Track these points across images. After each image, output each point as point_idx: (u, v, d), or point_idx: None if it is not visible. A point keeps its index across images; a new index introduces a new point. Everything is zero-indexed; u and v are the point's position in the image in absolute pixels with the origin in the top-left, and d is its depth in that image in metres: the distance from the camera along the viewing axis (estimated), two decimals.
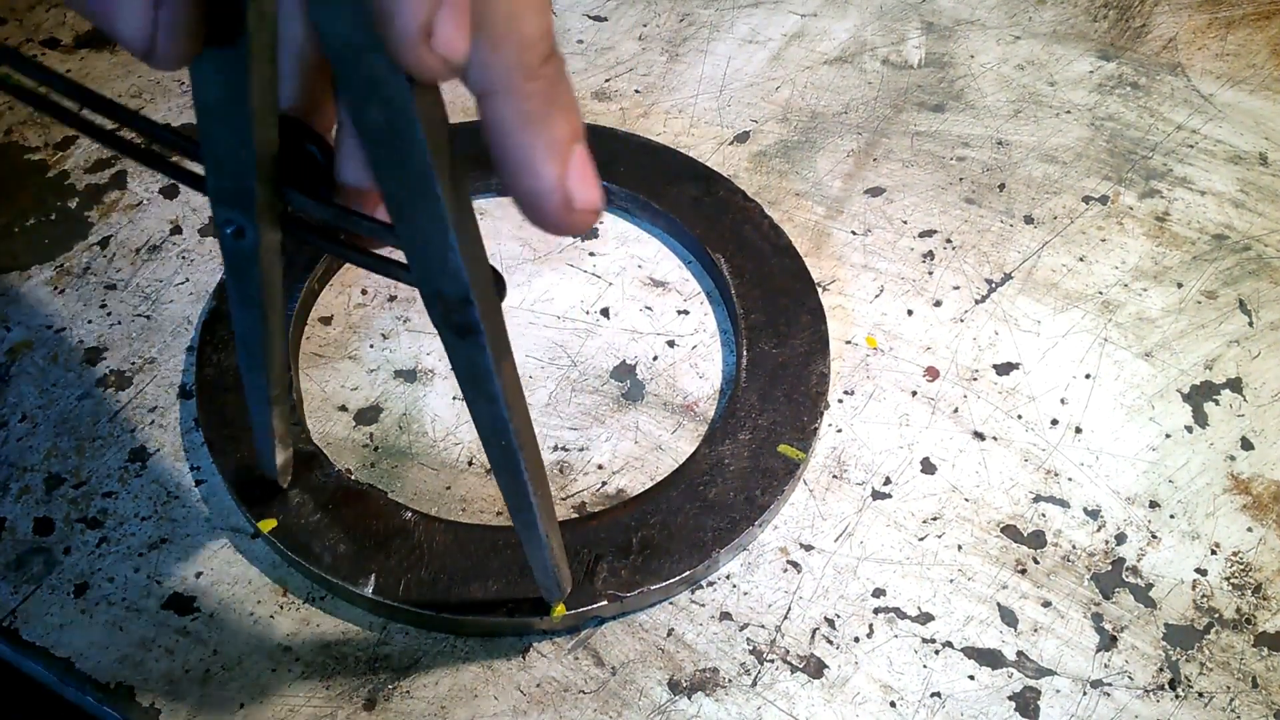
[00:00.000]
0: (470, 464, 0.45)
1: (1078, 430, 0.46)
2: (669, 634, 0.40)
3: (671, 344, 0.49)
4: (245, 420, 0.44)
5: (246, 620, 0.40)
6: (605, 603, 0.39)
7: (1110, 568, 0.42)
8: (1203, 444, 0.46)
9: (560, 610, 0.39)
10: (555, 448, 0.45)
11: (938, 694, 0.39)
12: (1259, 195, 0.55)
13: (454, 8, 0.21)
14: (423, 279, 0.28)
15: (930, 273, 0.51)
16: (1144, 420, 0.47)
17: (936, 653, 0.40)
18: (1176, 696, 0.39)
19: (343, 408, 0.47)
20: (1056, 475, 0.45)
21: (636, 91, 0.59)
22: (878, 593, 0.41)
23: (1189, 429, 0.46)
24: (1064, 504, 0.44)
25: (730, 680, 0.39)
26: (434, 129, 0.23)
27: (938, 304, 0.50)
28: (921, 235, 0.53)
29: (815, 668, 0.40)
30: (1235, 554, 0.43)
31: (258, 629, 0.40)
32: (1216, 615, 0.41)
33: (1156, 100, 0.59)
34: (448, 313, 0.27)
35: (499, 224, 0.53)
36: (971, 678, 0.39)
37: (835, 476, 0.45)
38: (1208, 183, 0.55)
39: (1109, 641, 0.40)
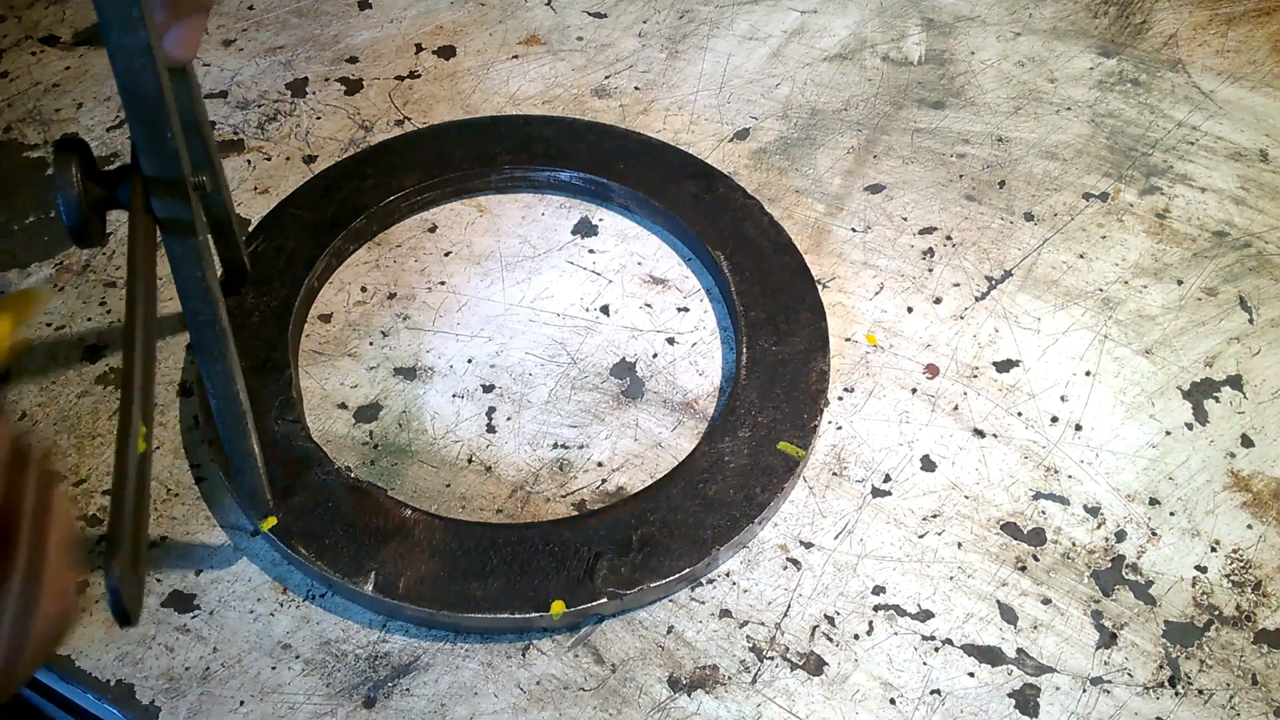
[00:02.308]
0: (470, 461, 0.45)
1: (1078, 427, 0.46)
2: (669, 631, 0.40)
3: (671, 341, 0.49)
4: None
5: (246, 618, 0.40)
6: (605, 600, 0.39)
7: (1110, 565, 0.42)
8: (1203, 441, 0.46)
9: (559, 607, 0.39)
10: (555, 445, 0.45)
11: (937, 691, 0.39)
12: (1259, 192, 0.55)
13: (174, 39, 0.35)
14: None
15: (930, 270, 0.51)
16: (1144, 417, 0.47)
17: (936, 650, 0.40)
18: (1176, 694, 0.39)
19: (342, 405, 0.47)
20: (1056, 472, 0.45)
21: (636, 89, 0.59)
22: (877, 590, 0.41)
23: (1189, 426, 0.46)
24: (1064, 501, 0.44)
25: (730, 678, 0.39)
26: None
27: (938, 301, 0.50)
28: (921, 232, 0.53)
29: (815, 665, 0.40)
30: (1235, 551, 0.43)
31: (258, 627, 0.40)
32: (1216, 612, 0.41)
33: (1157, 97, 0.59)
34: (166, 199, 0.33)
35: (499, 221, 0.53)
36: (971, 675, 0.39)
37: (835, 474, 0.45)
38: (1208, 179, 0.55)
39: (1109, 639, 0.40)
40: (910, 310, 0.50)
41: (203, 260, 0.33)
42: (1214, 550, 0.43)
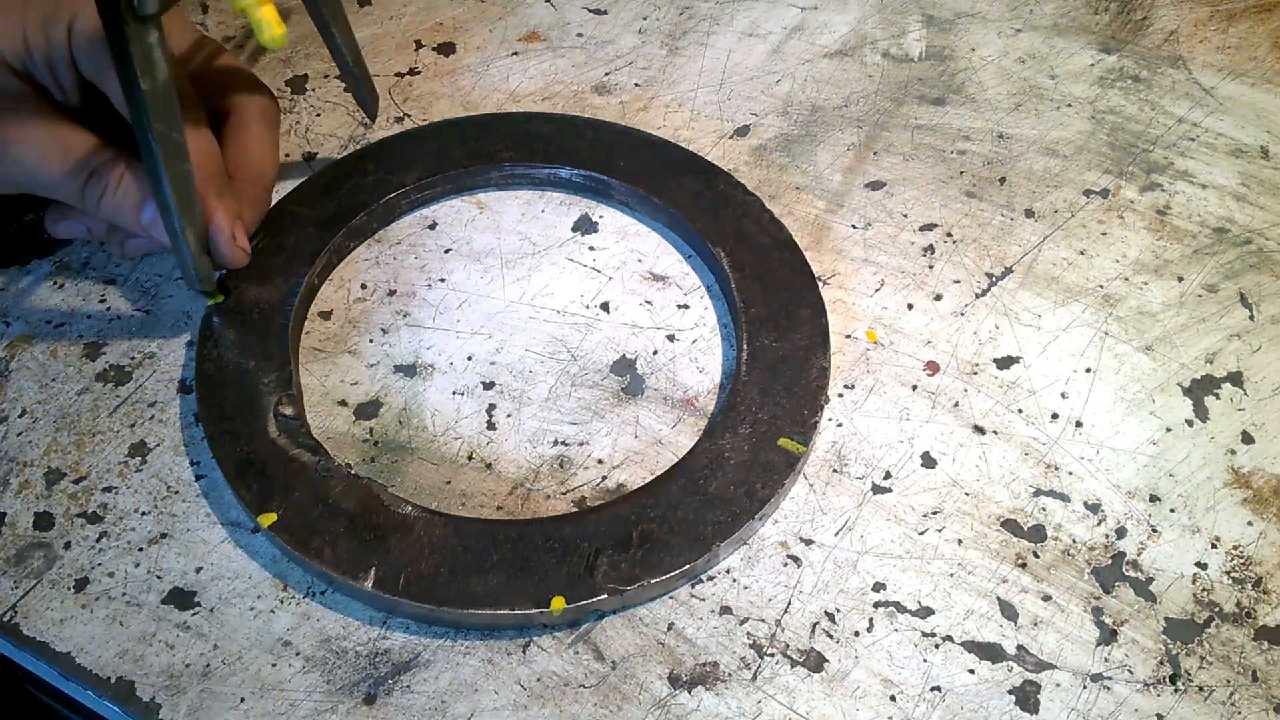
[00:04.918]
0: (470, 459, 0.45)
1: (1078, 424, 0.46)
2: (669, 628, 0.40)
3: (671, 338, 0.49)
4: (246, 415, 0.44)
5: (247, 615, 0.40)
6: (605, 596, 0.39)
7: (1110, 562, 0.42)
8: (1203, 438, 0.46)
9: (560, 603, 0.39)
10: (555, 442, 0.45)
11: (938, 688, 0.39)
12: (1260, 188, 0.55)
13: (241, 233, 0.46)
14: None
15: (931, 267, 0.51)
16: (1144, 414, 0.47)
17: (936, 647, 0.40)
18: (1176, 690, 0.39)
19: (343, 403, 0.47)
20: (1057, 469, 0.45)
21: (636, 85, 0.59)
22: (878, 587, 0.41)
23: (1189, 423, 0.46)
24: (1064, 498, 0.44)
25: (730, 674, 0.39)
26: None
27: (938, 298, 0.50)
28: (922, 229, 0.53)
29: (815, 662, 0.40)
30: (1235, 548, 0.43)
31: (258, 624, 0.40)
32: (1217, 609, 0.41)
33: (1158, 93, 0.59)
34: None
35: (499, 218, 0.53)
36: (972, 671, 0.39)
37: (835, 471, 0.45)
38: (1209, 176, 0.55)
39: (1109, 635, 0.40)
40: (910, 307, 0.50)
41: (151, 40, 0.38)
42: (1214, 547, 0.43)
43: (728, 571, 0.42)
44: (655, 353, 0.48)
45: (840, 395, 0.47)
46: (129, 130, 0.42)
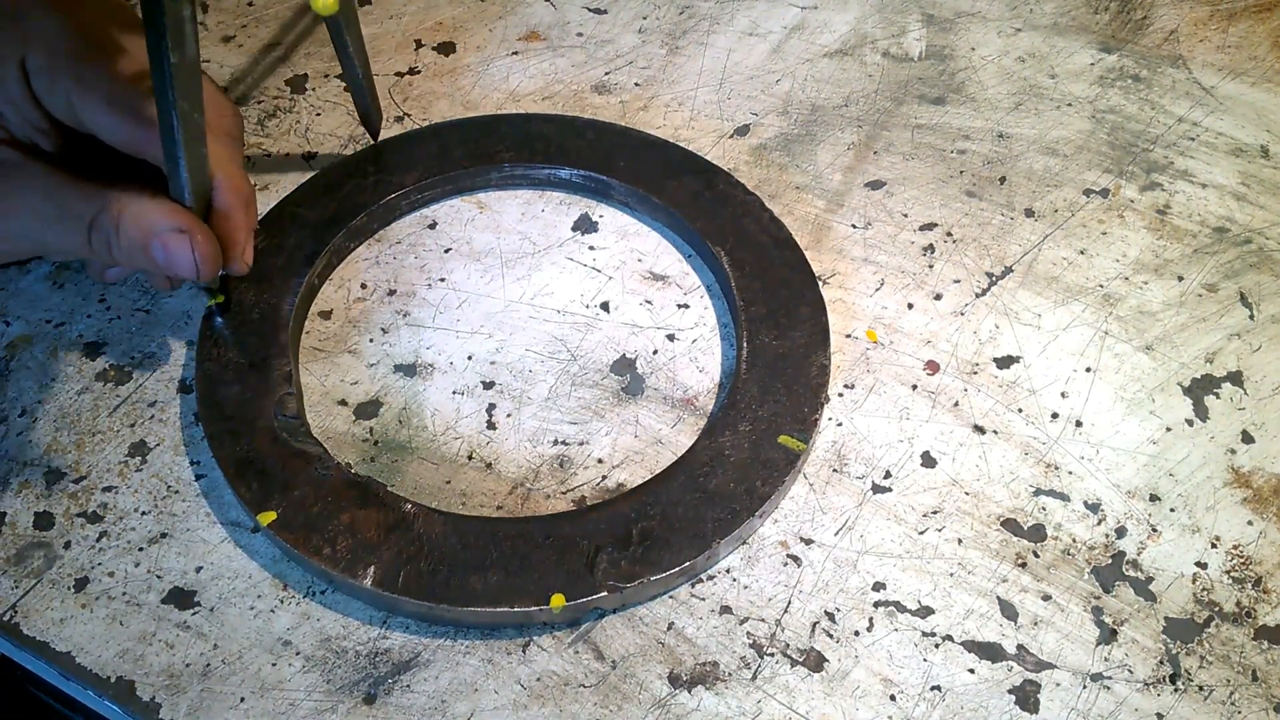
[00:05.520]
0: (470, 458, 0.45)
1: (1078, 424, 0.46)
2: (669, 628, 0.40)
3: (671, 338, 0.49)
4: (246, 415, 0.44)
5: (247, 614, 0.41)
6: (605, 594, 0.39)
7: (1110, 561, 0.42)
8: (1203, 437, 0.46)
9: (559, 600, 0.39)
10: (555, 442, 0.45)
11: (938, 687, 0.39)
12: (1260, 188, 0.55)
13: (250, 249, 0.44)
14: None
15: (931, 266, 0.51)
16: (1144, 414, 0.47)
17: (936, 646, 0.40)
18: (1176, 690, 0.39)
19: (342, 402, 0.47)
20: (1057, 469, 0.45)
21: (636, 85, 0.59)
22: (878, 586, 0.41)
23: (1189, 422, 0.46)
24: (1064, 497, 0.44)
25: (730, 674, 0.39)
26: None
27: (938, 297, 0.50)
28: (922, 228, 0.53)
29: (815, 661, 0.40)
30: (1235, 547, 0.43)
31: (258, 623, 0.40)
32: (1217, 609, 0.41)
33: (1158, 93, 0.59)
34: None
35: (499, 218, 0.53)
36: (971, 671, 0.39)
37: (835, 470, 0.45)
38: (1209, 175, 0.55)
39: (1109, 635, 0.40)
40: (910, 306, 0.50)
41: None
42: (1214, 546, 0.43)
43: (728, 571, 0.42)
44: (655, 352, 0.48)
45: (840, 395, 0.47)
46: (114, 156, 0.42)
